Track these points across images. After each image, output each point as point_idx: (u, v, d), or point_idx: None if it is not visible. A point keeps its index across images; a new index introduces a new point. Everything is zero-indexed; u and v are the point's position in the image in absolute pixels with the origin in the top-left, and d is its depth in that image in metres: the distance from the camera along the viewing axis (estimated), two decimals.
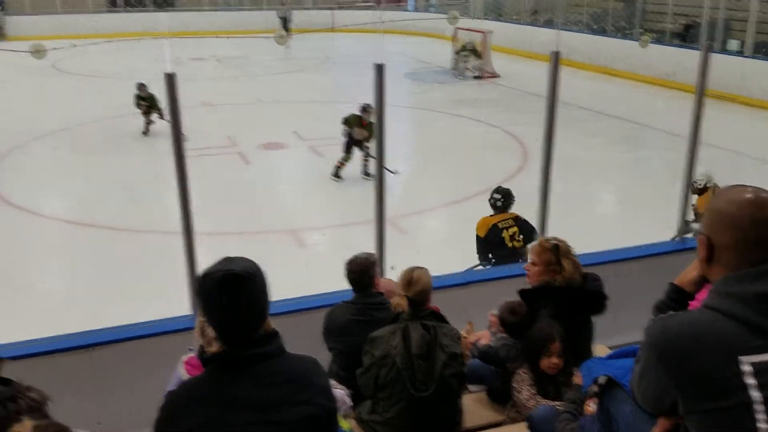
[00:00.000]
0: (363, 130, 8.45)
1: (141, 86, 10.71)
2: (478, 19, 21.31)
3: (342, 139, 8.70)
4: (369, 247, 3.81)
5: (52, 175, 8.97)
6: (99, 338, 3.39)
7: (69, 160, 9.68)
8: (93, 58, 18.33)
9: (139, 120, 10.75)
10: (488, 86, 15.60)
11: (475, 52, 16.35)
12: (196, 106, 12.59)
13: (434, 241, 6.99)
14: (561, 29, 19.01)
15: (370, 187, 3.73)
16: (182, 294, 3.45)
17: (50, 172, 9.15)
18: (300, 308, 3.62)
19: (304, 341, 3.08)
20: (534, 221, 4.13)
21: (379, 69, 3.36)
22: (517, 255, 5.00)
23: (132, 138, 10.65)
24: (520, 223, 5.27)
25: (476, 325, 3.40)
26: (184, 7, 25.71)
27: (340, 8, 27.27)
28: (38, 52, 3.23)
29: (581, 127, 11.39)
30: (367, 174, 8.65)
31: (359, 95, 13.65)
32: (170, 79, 3.13)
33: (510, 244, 5.21)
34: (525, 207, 6.48)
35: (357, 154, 8.76)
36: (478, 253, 5.35)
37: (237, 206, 7.82)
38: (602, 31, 18.14)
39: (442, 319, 2.91)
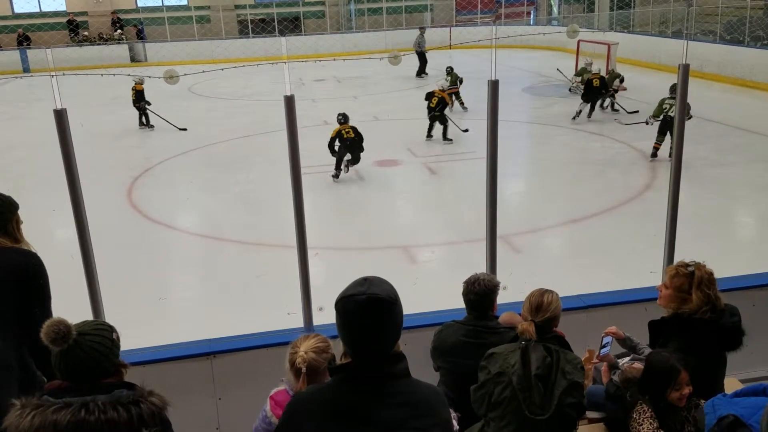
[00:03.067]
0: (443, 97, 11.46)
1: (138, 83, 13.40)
2: (603, 31, 20.54)
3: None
4: (480, 266, 3.73)
5: (185, 191, 9.61)
6: (220, 347, 3.55)
7: (200, 176, 10.33)
8: (224, 81, 19.56)
9: (264, 138, 11.36)
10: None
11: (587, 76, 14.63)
12: (318, 125, 13.05)
13: (551, 261, 6.72)
14: (692, 40, 17.89)
15: (483, 205, 3.65)
16: (298, 306, 3.55)
17: (183, 188, 9.80)
18: (407, 326, 3.60)
19: (410, 359, 3.05)
20: (662, 241, 3.86)
21: (494, 85, 3.30)
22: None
23: (258, 155, 11.20)
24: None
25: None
26: (309, 32, 26.89)
27: (457, 25, 27.38)
28: (171, 78, 3.46)
29: (715, 143, 10.61)
30: (447, 139, 11.44)
31: (475, 110, 13.66)
32: (289, 101, 3.25)
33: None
34: (652, 226, 6.11)
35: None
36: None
37: (351, 221, 7.98)
38: (738, 41, 16.87)
39: (566, 346, 2.75)
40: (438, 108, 11.31)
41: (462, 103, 14.12)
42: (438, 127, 11.56)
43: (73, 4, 27.11)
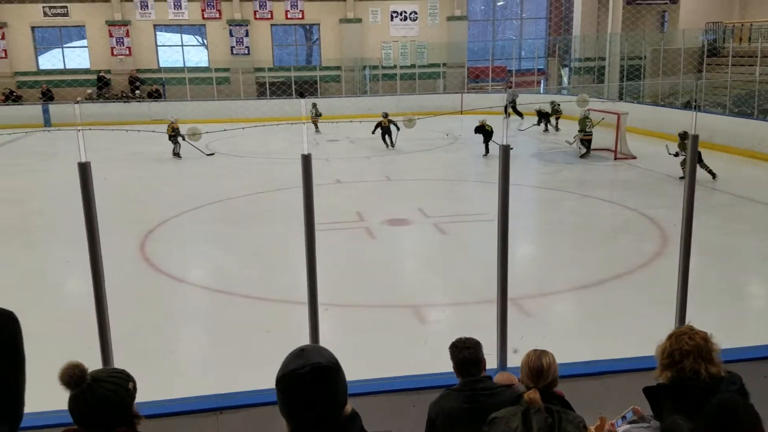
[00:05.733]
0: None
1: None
2: (612, 101, 20.95)
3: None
4: (490, 328, 3.73)
5: (198, 245, 9.71)
6: (227, 402, 3.53)
7: (214, 231, 10.44)
8: (240, 139, 19.99)
9: (278, 194, 11.53)
10: (623, 168, 15.09)
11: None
12: (331, 183, 13.25)
13: (562, 326, 6.68)
14: (702, 111, 18.19)
15: (493, 267, 3.68)
16: None
17: (197, 242, 9.90)
18: (419, 386, 3.57)
19: (422, 419, 3.02)
20: (672, 309, 3.85)
21: (505, 150, 3.39)
22: None
23: (271, 211, 11.33)
24: None
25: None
26: (324, 96, 27.60)
27: (469, 92, 28.02)
28: (194, 135, 3.58)
29: (725, 213, 10.64)
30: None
31: (486, 174, 13.84)
32: (306, 160, 3.34)
33: None
34: (663, 293, 6.09)
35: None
36: None
37: (361, 279, 7.99)
38: (747, 114, 17.13)
39: (567, 406, 2.72)
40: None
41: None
42: None
43: (98, 62, 28.05)
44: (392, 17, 29.02)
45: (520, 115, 23.31)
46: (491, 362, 3.59)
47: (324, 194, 10.01)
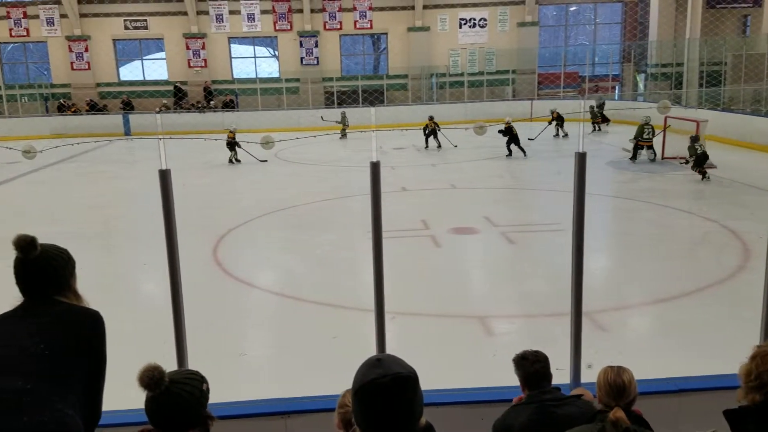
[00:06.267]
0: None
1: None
2: (692, 108, 20.14)
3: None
4: (562, 341, 3.62)
5: (267, 251, 9.90)
6: (295, 407, 3.55)
7: (282, 237, 10.63)
8: (307, 147, 20.33)
9: (344, 201, 11.65)
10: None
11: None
12: (397, 191, 13.27)
13: (638, 341, 6.41)
14: None
15: (565, 279, 3.56)
16: None
17: (266, 248, 10.11)
18: (485, 399, 3.50)
19: None
20: (755, 326, 3.63)
21: (581, 158, 3.28)
22: None
23: (337, 218, 11.46)
24: None
25: None
26: (392, 104, 27.76)
27: (539, 99, 27.56)
28: (267, 143, 3.65)
29: None
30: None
31: (555, 182, 13.52)
32: (374, 167, 3.33)
33: None
34: (746, 310, 5.76)
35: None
36: None
37: (427, 287, 7.94)
38: None
39: (646, 425, 2.59)
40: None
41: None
42: None
43: (175, 74, 29.22)
44: (461, 24, 28.93)
45: (606, 120, 22.75)
46: (564, 377, 3.47)
47: (390, 202, 10.03)
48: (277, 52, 29.86)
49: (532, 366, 2.90)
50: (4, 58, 29.96)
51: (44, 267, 2.25)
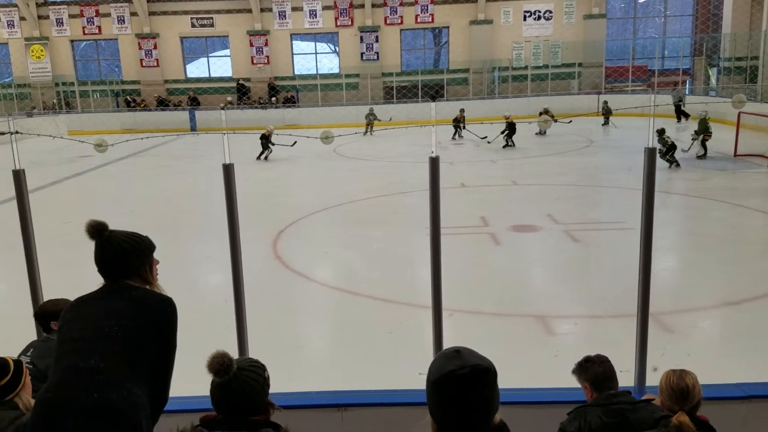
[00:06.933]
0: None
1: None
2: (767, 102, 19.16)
3: None
4: (627, 343, 3.50)
5: (325, 246, 10.00)
6: (352, 399, 3.57)
7: (340, 232, 10.72)
8: (366, 143, 20.44)
9: (402, 197, 11.64)
10: None
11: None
12: (456, 187, 13.17)
13: (707, 344, 6.14)
14: None
15: (630, 278, 3.44)
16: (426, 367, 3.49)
17: (324, 242, 10.21)
18: (546, 400, 3.42)
19: None
20: None
21: (651, 153, 3.15)
22: None
23: (395, 214, 11.46)
24: None
25: None
26: (452, 98, 27.56)
27: (606, 92, 26.81)
28: (327, 138, 3.67)
29: None
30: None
31: (624, 180, 13.11)
32: (433, 162, 3.31)
33: None
34: None
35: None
36: None
37: (486, 285, 7.84)
38: None
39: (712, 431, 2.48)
40: None
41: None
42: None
43: (239, 70, 29.87)
44: (525, 17, 28.44)
45: (686, 116, 21.96)
46: (628, 379, 3.36)
47: (448, 198, 9.93)
48: (337, 48, 30.11)
49: (599, 367, 2.83)
50: (77, 56, 31.34)
51: (116, 252, 2.37)
